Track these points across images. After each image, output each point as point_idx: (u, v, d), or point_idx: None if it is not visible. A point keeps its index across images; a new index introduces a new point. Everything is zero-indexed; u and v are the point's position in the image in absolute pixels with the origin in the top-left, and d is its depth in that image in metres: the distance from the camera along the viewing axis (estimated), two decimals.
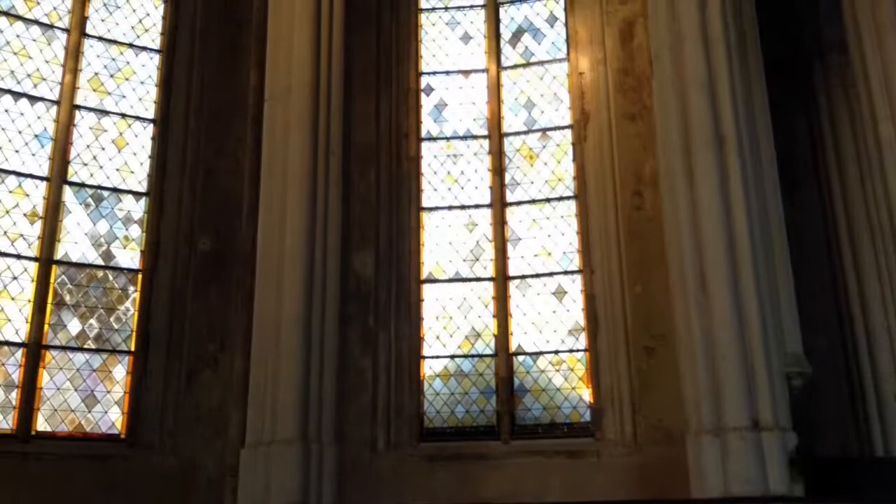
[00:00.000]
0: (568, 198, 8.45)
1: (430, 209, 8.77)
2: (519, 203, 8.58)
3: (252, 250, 7.37)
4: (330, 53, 7.39)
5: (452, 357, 8.24)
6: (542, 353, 8.05)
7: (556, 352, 8.03)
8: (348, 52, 7.65)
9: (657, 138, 6.90)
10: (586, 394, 7.85)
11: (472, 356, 8.19)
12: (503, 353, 8.09)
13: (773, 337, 5.96)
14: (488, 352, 8.17)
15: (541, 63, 8.97)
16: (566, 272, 8.23)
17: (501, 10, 9.24)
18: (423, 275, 8.54)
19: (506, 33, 9.18)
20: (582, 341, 7.99)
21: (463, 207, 8.71)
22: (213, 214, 8.27)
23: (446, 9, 9.38)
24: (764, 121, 6.92)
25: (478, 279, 8.42)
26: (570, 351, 8.01)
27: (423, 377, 8.19)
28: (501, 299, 8.24)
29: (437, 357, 8.27)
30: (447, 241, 8.62)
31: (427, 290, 8.49)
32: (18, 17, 8.07)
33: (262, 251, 7.09)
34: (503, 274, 8.33)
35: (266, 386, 6.60)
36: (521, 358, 8.10)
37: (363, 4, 8.80)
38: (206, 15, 8.73)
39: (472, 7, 9.34)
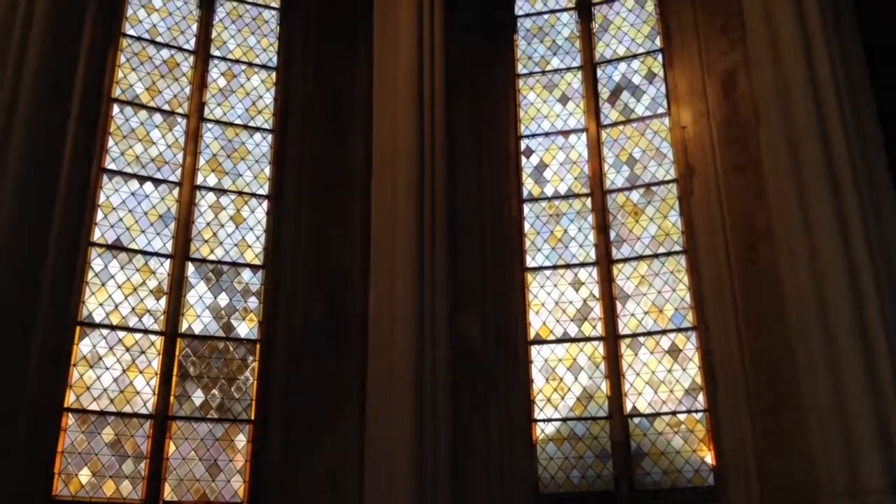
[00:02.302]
0: (677, 253, 8.31)
1: (535, 269, 8.77)
2: (626, 260, 8.49)
3: (364, 316, 7.50)
4: (433, 122, 7.58)
5: (565, 420, 8.11)
6: (658, 414, 7.84)
7: (674, 413, 7.80)
8: (449, 121, 7.83)
9: (768, 189, 6.70)
10: (708, 456, 7.56)
11: (586, 419, 8.05)
12: (617, 414, 7.92)
13: None
14: (602, 414, 8.01)
15: (641, 119, 8.95)
16: (679, 329, 8.04)
17: (599, 70, 9.31)
18: (531, 336, 8.50)
19: (604, 92, 9.22)
20: (700, 401, 7.73)
21: (568, 266, 8.67)
22: (326, 283, 8.51)
23: (543, 72, 9.53)
24: (880, 160, 6.63)
25: (587, 339, 8.32)
26: (689, 411, 7.76)
27: (536, 441, 8.08)
28: (613, 359, 8.10)
29: (549, 420, 8.16)
30: (553, 300, 8.58)
31: (535, 352, 8.44)
32: (142, 106, 8.65)
33: (374, 317, 7.20)
34: (613, 333, 8.21)
35: (381, 451, 6.64)
36: (636, 420, 7.90)
37: (462, 74, 9.02)
38: (313, 93, 9.14)
39: (569, 69, 9.45)
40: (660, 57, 9.08)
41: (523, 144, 9.30)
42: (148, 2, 8.99)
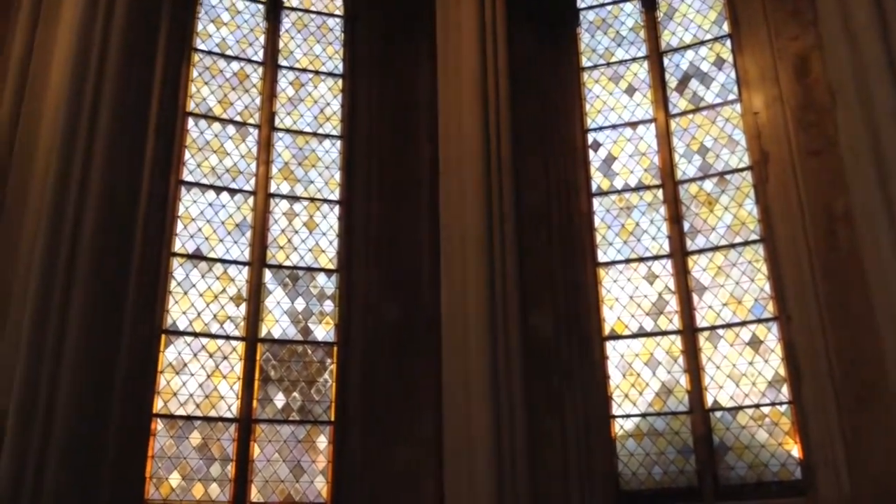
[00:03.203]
0: (754, 242, 8.11)
1: (607, 264, 8.68)
2: (701, 251, 8.32)
3: (436, 317, 7.57)
4: (498, 121, 7.60)
5: (644, 415, 8.01)
6: (741, 407, 7.67)
7: (757, 405, 7.62)
8: (514, 117, 7.83)
9: (847, 173, 6.49)
10: (795, 449, 7.36)
11: (665, 414, 7.93)
12: (699, 409, 7.78)
13: None
14: (682, 408, 7.88)
15: (711, 107, 8.77)
16: (760, 320, 7.85)
17: (665, 59, 9.16)
18: (605, 331, 8.42)
19: (671, 81, 9.07)
20: (784, 393, 7.54)
21: (641, 259, 8.55)
22: (398, 285, 8.62)
23: (608, 64, 9.42)
24: None
25: (664, 333, 8.19)
26: (773, 404, 7.57)
27: (615, 437, 8.00)
28: (691, 353, 7.96)
29: (628, 416, 8.07)
30: (627, 295, 8.47)
31: (610, 347, 8.36)
32: (216, 119, 8.90)
33: (446, 317, 7.26)
34: (691, 326, 8.07)
35: (460, 451, 6.69)
36: (718, 414, 7.74)
37: (526, 69, 9.00)
38: (379, 98, 9.26)
39: (634, 60, 9.33)
40: (728, 43, 8.87)
41: (590, 138, 9.22)
42: (217, 16, 9.25)
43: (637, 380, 8.13)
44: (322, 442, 8.08)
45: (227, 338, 8.13)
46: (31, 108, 7.33)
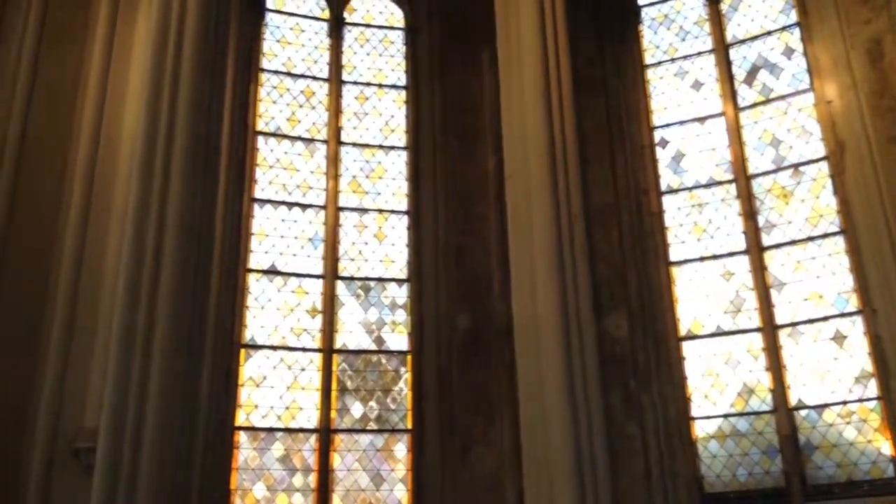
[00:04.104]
0: (834, 234, 7.86)
1: (680, 263, 8.54)
2: (778, 246, 8.11)
3: (507, 323, 7.57)
4: (562, 124, 7.55)
5: (726, 416, 7.83)
6: (827, 405, 7.43)
7: (844, 402, 7.37)
8: (579, 120, 7.77)
9: None
10: (886, 446, 7.09)
11: (748, 414, 7.74)
12: (782, 408, 7.57)
13: None
14: (765, 408, 7.68)
15: (782, 97, 8.56)
16: (843, 314, 7.60)
17: (732, 51, 8.97)
18: (682, 331, 8.28)
19: (739, 73, 8.88)
20: (872, 388, 7.28)
21: (716, 257, 8.38)
22: (468, 293, 8.65)
23: (672, 60, 9.28)
24: None
25: (743, 331, 8.00)
26: (860, 400, 7.31)
27: (696, 439, 7.85)
28: (772, 350, 7.75)
29: (709, 417, 7.90)
30: (703, 294, 8.31)
31: (688, 348, 8.21)
32: (285, 136, 9.11)
33: (518, 323, 7.24)
34: (771, 323, 7.86)
35: (539, 457, 6.66)
36: (803, 412, 7.52)
37: (588, 70, 8.95)
38: (442, 106, 9.34)
39: (699, 54, 9.16)
40: (796, 31, 8.64)
41: (657, 136, 9.08)
42: (282, 36, 9.46)
43: (717, 380, 7.96)
44: (401, 450, 8.16)
45: (304, 350, 8.28)
46: (109, 132, 7.69)
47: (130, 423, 5.60)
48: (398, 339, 8.58)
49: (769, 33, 8.80)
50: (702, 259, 8.42)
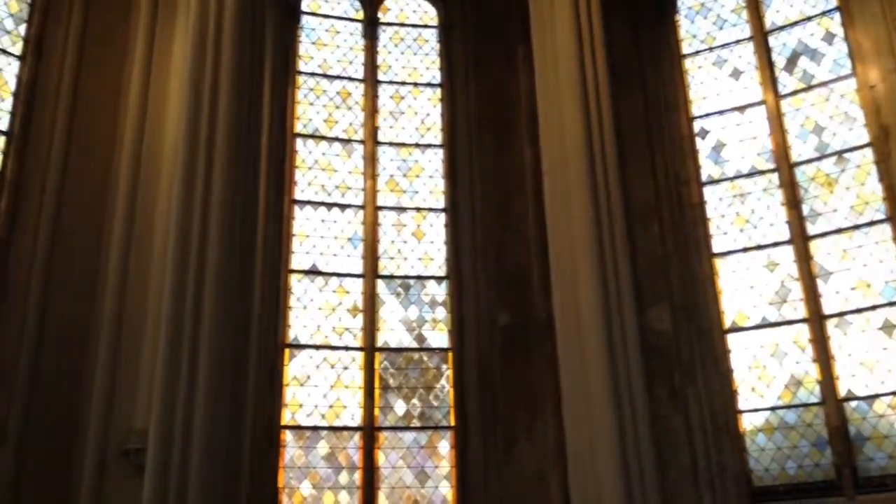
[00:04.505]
0: (880, 221, 7.71)
1: (723, 254, 8.43)
2: (823, 235, 7.98)
3: (547, 319, 7.54)
4: (600, 118, 7.50)
5: (773, 409, 7.73)
6: (877, 395, 7.30)
7: (894, 393, 7.21)
8: (617, 112, 7.70)
9: None
10: None
11: (796, 406, 7.62)
12: (831, 399, 7.44)
13: None
14: (814, 400, 7.56)
15: (824, 84, 8.41)
16: (892, 303, 7.45)
17: (771, 38, 8.83)
18: (726, 324, 8.17)
19: (779, 60, 8.74)
20: None
21: (759, 248, 8.27)
22: (508, 289, 8.64)
23: (710, 49, 9.16)
24: None
25: (789, 322, 7.88)
26: None
27: (744, 432, 7.75)
28: (820, 341, 7.62)
29: (756, 410, 7.80)
30: (747, 285, 8.20)
31: (733, 340, 8.11)
32: (322, 138, 9.18)
33: (560, 318, 7.20)
34: (817, 313, 7.73)
35: (584, 452, 6.63)
36: (853, 403, 7.39)
37: (625, 62, 8.87)
38: (478, 104, 9.33)
39: (737, 42, 9.04)
40: (837, 16, 8.48)
41: (697, 126, 8.98)
42: (317, 38, 9.54)
43: (763, 372, 7.85)
44: (444, 447, 8.19)
45: (347, 349, 8.34)
46: (151, 139, 7.83)
47: (179, 424, 5.71)
48: (439, 337, 8.60)
49: (809, 19, 8.66)
50: (745, 250, 8.31)
